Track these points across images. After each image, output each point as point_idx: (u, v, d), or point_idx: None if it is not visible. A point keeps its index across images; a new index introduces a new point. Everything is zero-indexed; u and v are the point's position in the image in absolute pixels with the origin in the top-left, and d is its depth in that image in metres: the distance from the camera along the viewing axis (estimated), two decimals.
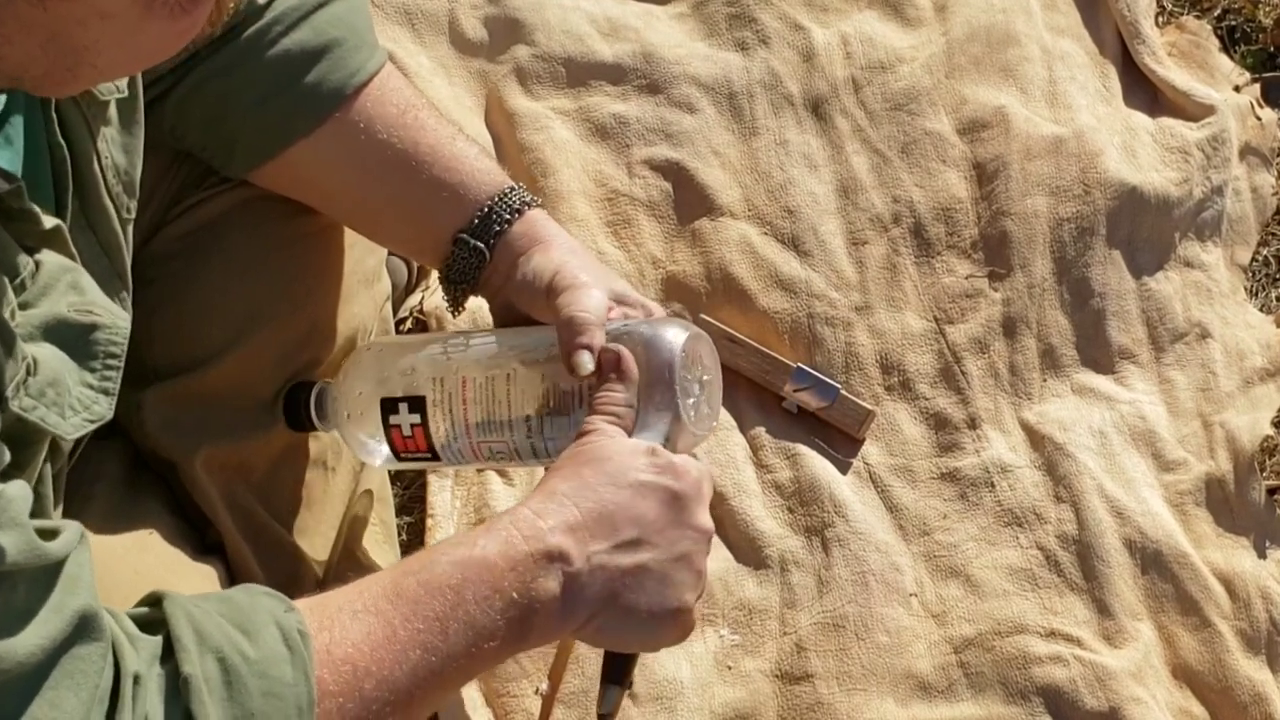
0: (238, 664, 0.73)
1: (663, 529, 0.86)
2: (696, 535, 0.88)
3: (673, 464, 0.88)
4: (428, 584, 0.80)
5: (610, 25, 1.67)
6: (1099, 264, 1.61)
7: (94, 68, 0.67)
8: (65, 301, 0.75)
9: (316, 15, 1.02)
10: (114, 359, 0.78)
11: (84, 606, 0.69)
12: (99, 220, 0.84)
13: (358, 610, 0.79)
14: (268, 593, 0.80)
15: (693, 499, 0.88)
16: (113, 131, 0.86)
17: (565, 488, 0.85)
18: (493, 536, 0.82)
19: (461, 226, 1.03)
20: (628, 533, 0.85)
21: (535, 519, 0.83)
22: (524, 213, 1.03)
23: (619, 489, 0.85)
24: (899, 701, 1.38)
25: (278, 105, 1.01)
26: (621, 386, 0.90)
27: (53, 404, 0.73)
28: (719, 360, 0.99)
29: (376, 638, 0.78)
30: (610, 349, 0.91)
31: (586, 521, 0.84)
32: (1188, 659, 1.44)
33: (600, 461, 0.87)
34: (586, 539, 0.84)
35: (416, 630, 0.79)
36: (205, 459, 1.06)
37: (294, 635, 0.75)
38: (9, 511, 0.67)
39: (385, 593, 0.80)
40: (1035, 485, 1.50)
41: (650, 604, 0.86)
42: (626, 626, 0.86)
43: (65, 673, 0.68)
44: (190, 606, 0.76)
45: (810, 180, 1.61)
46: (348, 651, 0.77)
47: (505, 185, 1.04)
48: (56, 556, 0.69)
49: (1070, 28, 1.75)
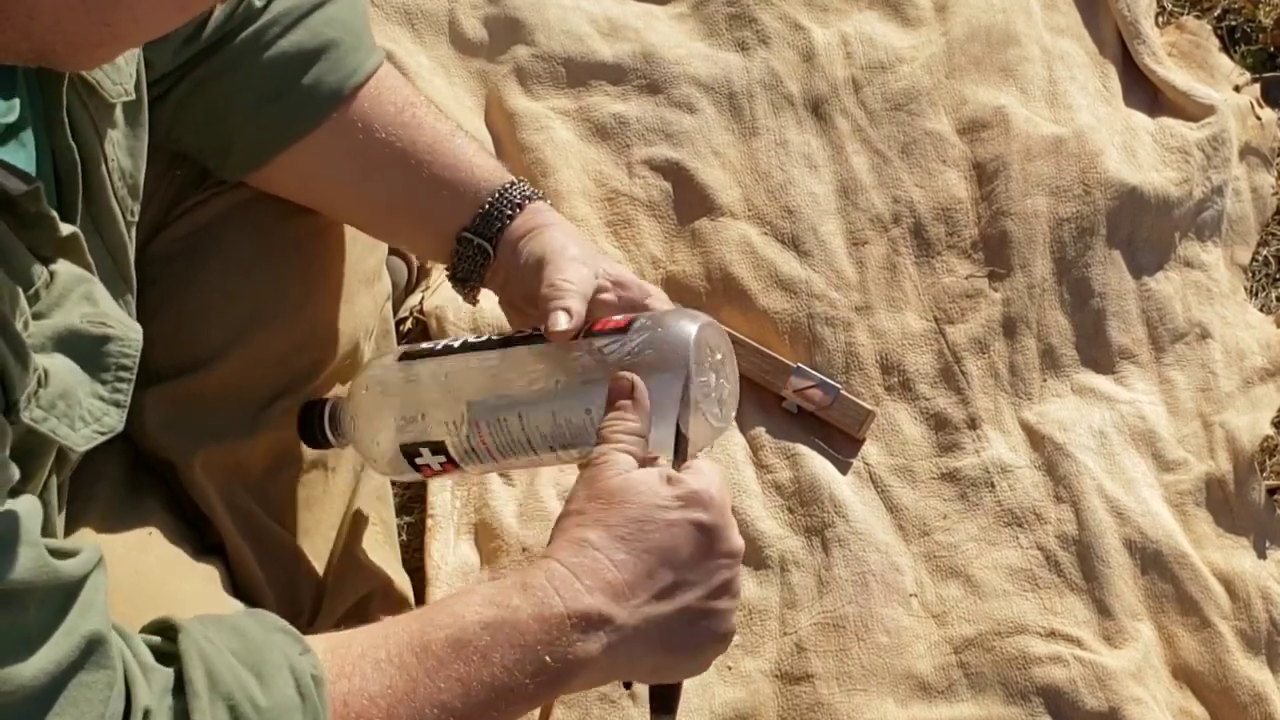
0: (248, 713, 0.72)
1: (697, 565, 0.85)
2: (730, 561, 0.86)
3: (695, 493, 0.85)
4: (455, 643, 0.79)
5: (610, 25, 1.67)
6: (1099, 264, 1.61)
7: (132, 17, 0.66)
8: (78, 313, 0.75)
9: (312, 17, 1.01)
10: (126, 371, 0.78)
11: (94, 632, 0.68)
12: (105, 223, 0.84)
13: (379, 660, 0.77)
14: (283, 628, 0.79)
15: (721, 526, 0.86)
16: (118, 135, 0.86)
17: (595, 539, 0.83)
18: (528, 597, 0.80)
19: (464, 224, 1.03)
20: (665, 578, 0.83)
21: (572, 579, 0.81)
22: (525, 207, 1.02)
23: (648, 534, 0.83)
24: (899, 702, 1.38)
25: (275, 108, 1.01)
26: (634, 414, 0.88)
27: (63, 416, 0.73)
28: (734, 353, 0.97)
29: (396, 693, 0.76)
30: (623, 376, 0.89)
31: (624, 576, 0.82)
32: (1188, 659, 1.44)
33: (623, 504, 0.84)
34: (626, 593, 0.82)
35: (438, 689, 0.77)
36: (205, 460, 1.06)
37: (307, 682, 0.74)
38: (18, 528, 0.66)
39: (410, 645, 0.78)
40: (1035, 485, 1.50)
41: (699, 640, 0.85)
42: (677, 664, 0.86)
43: (71, 700, 0.67)
44: (204, 642, 0.74)
45: (810, 180, 1.61)
46: (364, 705, 0.76)
47: (506, 180, 1.04)
48: (71, 577, 0.68)
49: (1070, 28, 1.75)
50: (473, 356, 0.98)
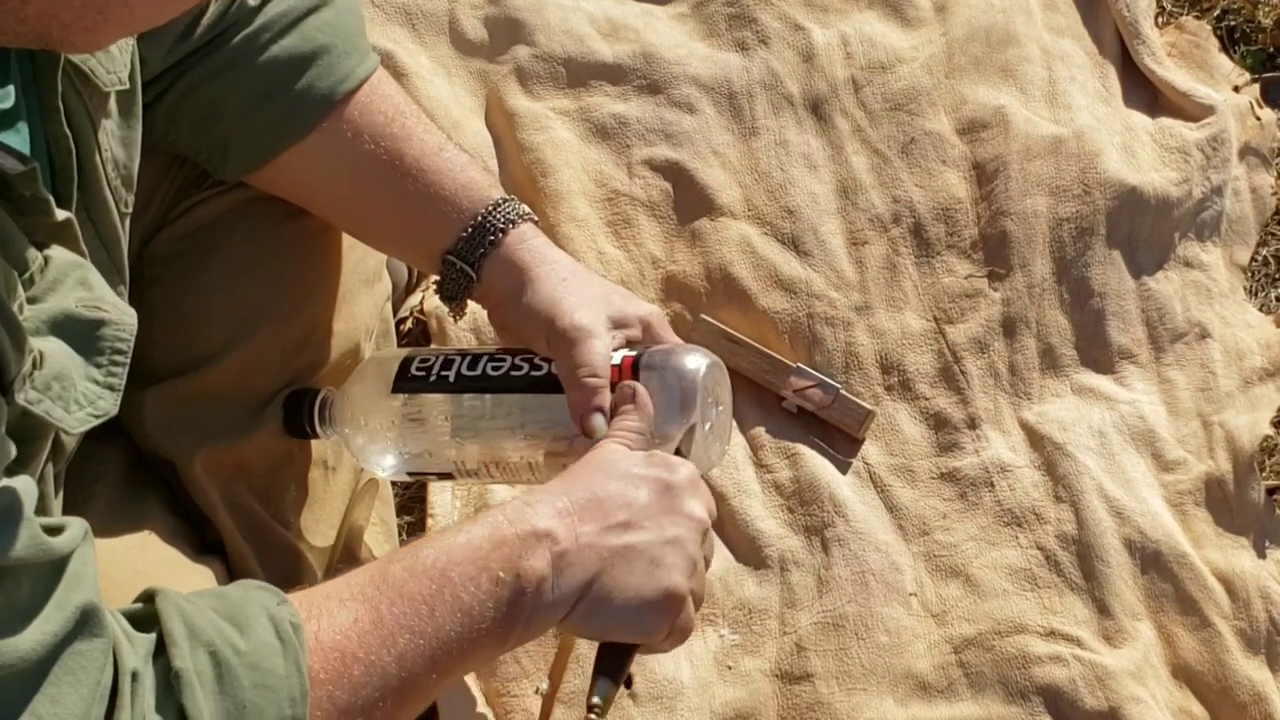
0: (229, 657, 0.73)
1: (653, 514, 0.87)
2: (689, 522, 0.88)
3: (667, 460, 0.89)
4: (412, 568, 0.80)
5: (610, 25, 1.67)
6: (1099, 264, 1.61)
7: (125, 6, 0.67)
8: (73, 297, 0.75)
9: (307, 21, 1.01)
10: (120, 355, 0.78)
11: (86, 603, 0.69)
12: (99, 213, 0.84)
13: (344, 598, 0.79)
14: (261, 586, 0.80)
15: (685, 489, 0.89)
16: (112, 125, 0.86)
17: (556, 483, 0.87)
18: (479, 523, 0.83)
19: (448, 246, 1.02)
20: (618, 516, 0.86)
21: (523, 506, 0.84)
22: (509, 231, 1.02)
23: (610, 479, 0.87)
24: (899, 701, 1.38)
25: (268, 111, 1.01)
26: (636, 416, 0.92)
27: (58, 398, 0.73)
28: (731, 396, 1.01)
29: (364, 623, 0.78)
30: (627, 385, 0.93)
31: (575, 506, 0.85)
32: (1187, 659, 1.44)
33: (596, 462, 0.88)
34: (575, 521, 0.85)
35: (402, 614, 0.79)
36: (205, 459, 1.06)
37: (286, 627, 0.76)
38: (14, 506, 0.67)
39: (371, 580, 0.80)
40: (1035, 485, 1.50)
41: (639, 585, 0.86)
42: (615, 610, 0.86)
43: (67, 669, 0.67)
44: (182, 602, 0.76)
45: (810, 180, 1.61)
46: (335, 638, 0.77)
47: (490, 200, 1.03)
48: (61, 552, 0.69)
49: (1070, 28, 1.75)
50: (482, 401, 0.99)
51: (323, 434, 1.07)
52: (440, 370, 1.00)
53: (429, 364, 1.01)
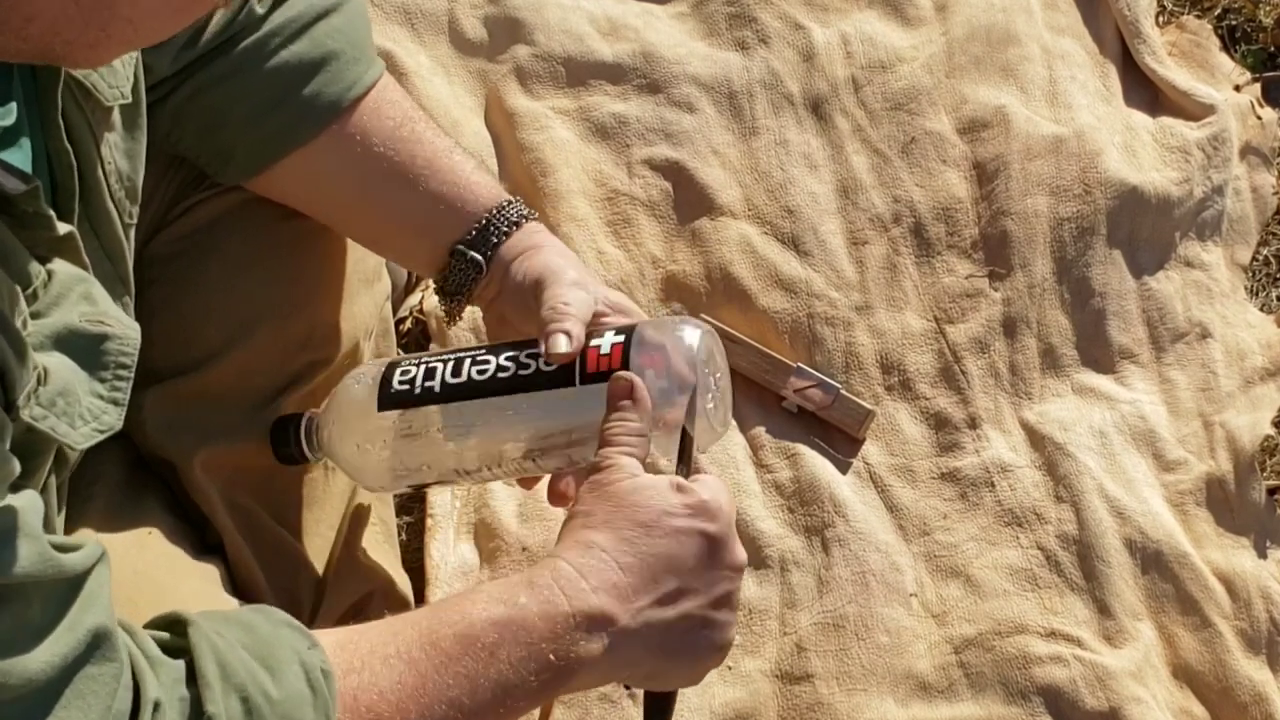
0: (260, 704, 0.72)
1: (701, 574, 0.85)
2: (733, 574, 0.87)
3: (704, 504, 0.86)
4: (464, 639, 0.79)
5: (610, 25, 1.67)
6: (1099, 264, 1.60)
7: (130, 23, 0.66)
8: (77, 311, 0.75)
9: (315, 27, 1.01)
10: (124, 370, 0.78)
11: (99, 625, 0.68)
12: (102, 225, 0.84)
13: (389, 655, 0.78)
14: (289, 623, 0.79)
15: (727, 538, 0.87)
16: (116, 138, 0.86)
17: (602, 540, 0.84)
18: (534, 595, 0.81)
19: (458, 239, 1.03)
20: (668, 584, 0.84)
21: (578, 579, 0.82)
22: (521, 226, 1.03)
23: (655, 539, 0.84)
24: (899, 701, 1.38)
25: (274, 117, 1.01)
26: (635, 415, 0.89)
27: (63, 414, 0.73)
28: (724, 350, 0.99)
29: (406, 688, 0.77)
30: (623, 376, 0.90)
31: (628, 579, 0.83)
32: (1188, 659, 1.44)
33: (632, 508, 0.85)
34: (630, 596, 0.83)
35: (447, 685, 0.78)
36: (205, 459, 1.06)
37: (317, 676, 0.75)
38: (21, 522, 0.66)
39: (419, 641, 0.79)
40: (1035, 485, 1.50)
41: (696, 649, 0.86)
42: (674, 671, 0.87)
43: (76, 693, 0.67)
44: (214, 636, 0.75)
45: (810, 180, 1.61)
46: (373, 699, 0.76)
47: (502, 199, 1.04)
48: (74, 571, 0.68)
49: (1070, 27, 1.75)
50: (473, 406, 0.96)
51: (313, 458, 1.05)
52: (424, 381, 0.97)
53: (410, 376, 0.97)
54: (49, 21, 0.64)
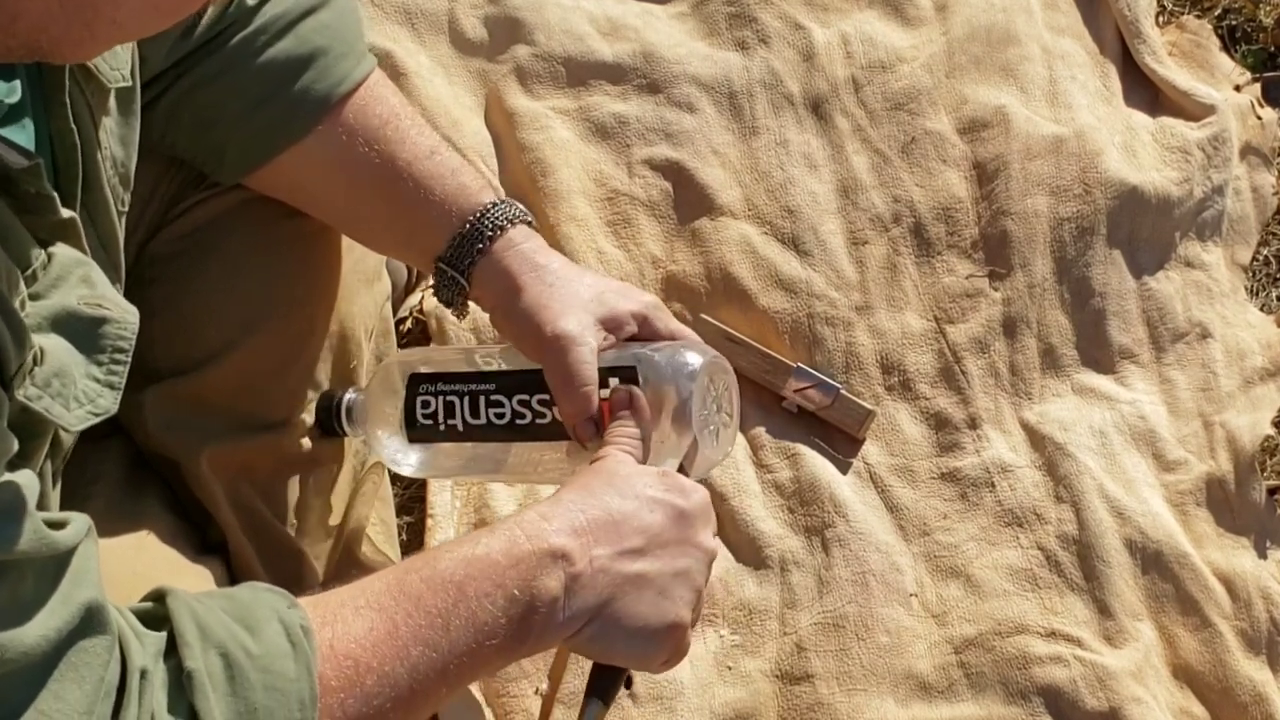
0: (241, 659, 0.73)
1: (667, 542, 0.87)
2: (699, 554, 0.88)
3: (681, 484, 0.89)
4: (430, 580, 0.80)
5: (610, 25, 1.67)
6: (1099, 264, 1.60)
7: (114, 23, 0.67)
8: (76, 294, 0.75)
9: (304, 23, 1.01)
10: (122, 353, 0.78)
11: (91, 599, 0.69)
12: (99, 212, 0.84)
13: (360, 606, 0.79)
14: (270, 589, 0.80)
15: (699, 518, 0.89)
16: (111, 122, 0.86)
17: (572, 496, 0.86)
18: (497, 535, 0.83)
19: (439, 252, 1.02)
20: (632, 541, 0.85)
21: (540, 520, 0.84)
22: (497, 237, 1.01)
23: (626, 499, 0.86)
24: (899, 702, 1.38)
25: (265, 113, 1.01)
26: (634, 421, 0.92)
27: (58, 395, 0.73)
28: (738, 390, 1.01)
29: (379, 633, 0.78)
30: (621, 389, 0.92)
31: (591, 526, 0.84)
32: (1188, 659, 1.44)
33: (610, 475, 0.88)
34: (590, 542, 0.84)
35: (419, 626, 0.79)
36: (210, 458, 1.06)
37: (296, 631, 0.75)
38: (17, 500, 0.66)
39: (388, 589, 0.80)
40: (1035, 485, 1.50)
41: (646, 615, 0.86)
42: (620, 636, 0.86)
43: (70, 665, 0.67)
44: (193, 602, 0.76)
45: (810, 180, 1.61)
46: (349, 647, 0.77)
47: (480, 205, 1.02)
48: (65, 547, 0.69)
49: (1070, 27, 1.75)
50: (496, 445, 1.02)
51: (352, 434, 1.11)
52: (446, 419, 1.01)
53: (431, 410, 1.02)
54: (35, 19, 0.64)
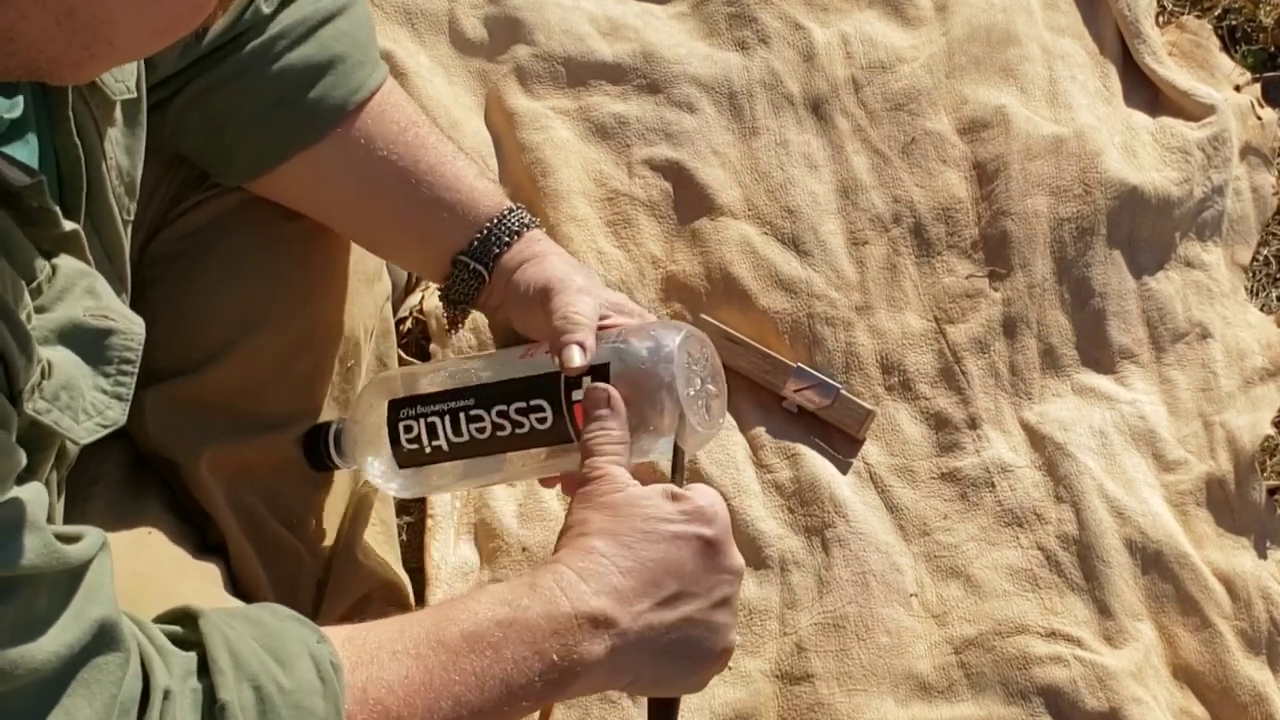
0: (272, 693, 0.73)
1: (700, 577, 0.87)
2: (731, 577, 0.89)
3: (700, 509, 0.88)
4: (470, 637, 0.80)
5: (610, 25, 1.67)
6: (1099, 264, 1.60)
7: (110, 45, 0.67)
8: (81, 306, 0.75)
9: (322, 30, 1.02)
10: (128, 364, 0.78)
11: (104, 615, 0.69)
12: (104, 222, 0.84)
13: (397, 651, 0.79)
14: (296, 618, 0.80)
15: (724, 542, 0.88)
16: (117, 133, 0.86)
17: (602, 546, 0.85)
18: (537, 597, 0.82)
19: (460, 248, 1.04)
20: (668, 588, 0.85)
21: (579, 582, 0.83)
22: (522, 234, 1.04)
23: (654, 544, 0.86)
24: (899, 702, 1.38)
25: (279, 119, 1.01)
26: (614, 422, 0.91)
27: (66, 408, 0.73)
28: (719, 358, 1.00)
29: (413, 683, 0.78)
30: (597, 388, 0.92)
31: (628, 582, 0.84)
32: (1188, 659, 1.44)
33: (629, 516, 0.87)
34: (630, 599, 0.84)
35: (452, 682, 0.79)
36: (210, 459, 1.06)
37: (327, 668, 0.75)
38: (27, 514, 0.66)
39: (427, 638, 0.80)
40: (1035, 485, 1.50)
41: (698, 652, 0.87)
42: (675, 676, 0.88)
43: (82, 682, 0.67)
44: (225, 628, 0.75)
45: (810, 180, 1.61)
46: (381, 693, 0.77)
47: (504, 207, 1.05)
48: (77, 561, 0.69)
49: (1070, 27, 1.75)
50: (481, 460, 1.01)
51: (343, 465, 1.10)
52: (430, 441, 1.00)
53: (415, 434, 1.01)
54: (32, 40, 0.64)
